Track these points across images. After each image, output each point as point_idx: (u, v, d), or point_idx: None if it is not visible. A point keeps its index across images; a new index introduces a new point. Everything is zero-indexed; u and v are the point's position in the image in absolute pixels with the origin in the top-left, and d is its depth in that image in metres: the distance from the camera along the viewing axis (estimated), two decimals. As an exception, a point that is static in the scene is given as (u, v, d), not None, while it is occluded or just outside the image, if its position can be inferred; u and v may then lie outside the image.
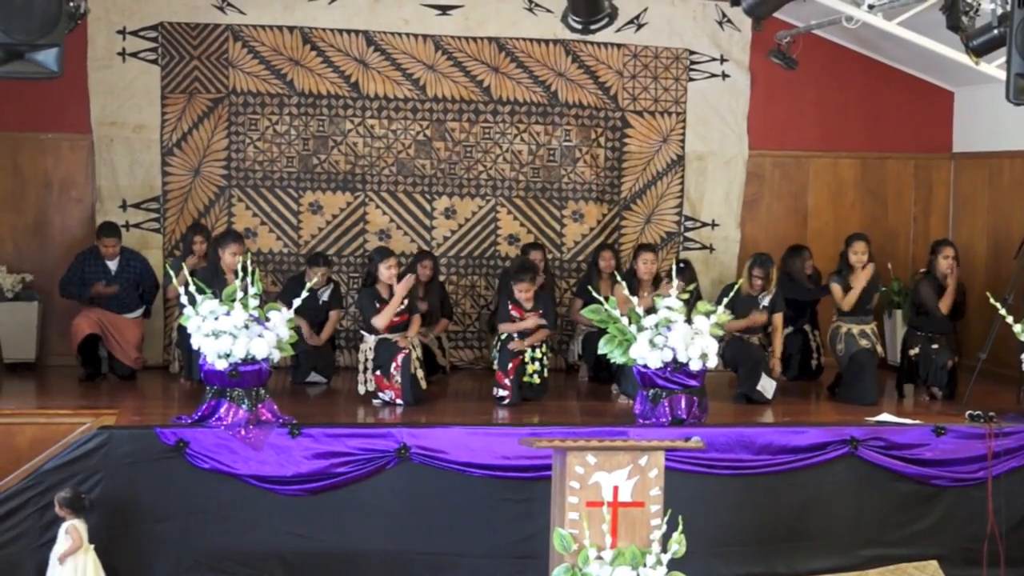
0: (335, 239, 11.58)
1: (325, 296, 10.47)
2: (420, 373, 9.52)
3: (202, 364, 8.29)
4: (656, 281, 10.42)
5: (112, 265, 10.46)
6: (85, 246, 10.72)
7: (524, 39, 11.71)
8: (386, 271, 9.55)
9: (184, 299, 8.38)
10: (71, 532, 7.57)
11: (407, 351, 9.35)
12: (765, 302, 10.14)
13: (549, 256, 11.52)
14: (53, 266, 10.98)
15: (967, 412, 9.16)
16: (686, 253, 11.80)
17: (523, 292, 9.81)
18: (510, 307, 9.85)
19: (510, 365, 9.62)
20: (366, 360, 9.55)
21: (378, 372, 9.42)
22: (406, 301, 9.63)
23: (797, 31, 11.03)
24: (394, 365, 9.32)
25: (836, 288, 10.12)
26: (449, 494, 8.40)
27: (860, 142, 12.39)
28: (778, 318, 10.12)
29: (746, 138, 12.11)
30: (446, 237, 11.63)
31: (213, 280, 9.26)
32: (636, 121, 11.92)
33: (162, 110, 11.30)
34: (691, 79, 11.99)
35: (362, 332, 9.74)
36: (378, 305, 9.55)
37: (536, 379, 9.77)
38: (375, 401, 9.46)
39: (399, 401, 9.33)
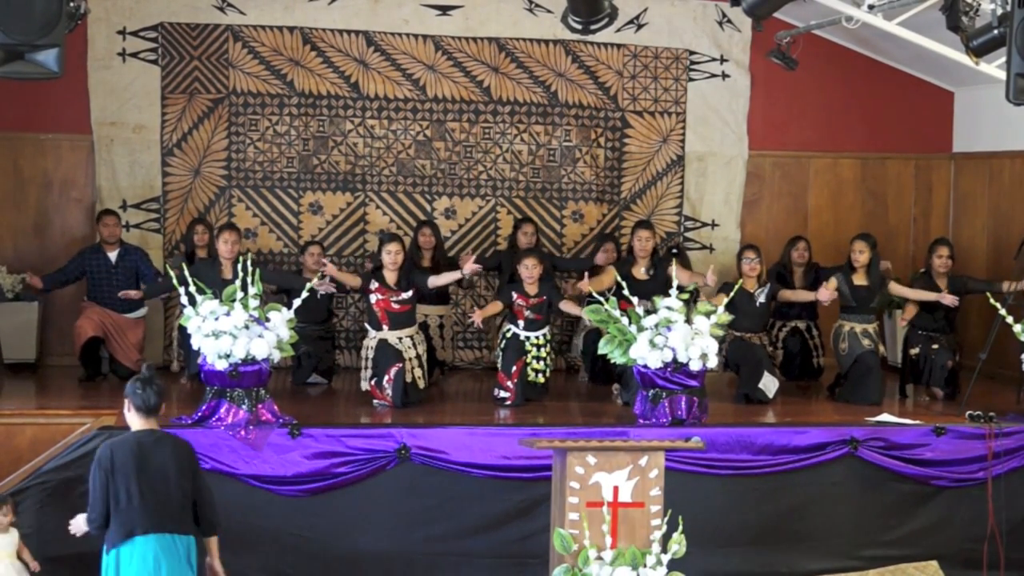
0: (335, 239, 11.59)
1: (322, 290, 10.44)
2: (419, 373, 9.51)
3: (202, 364, 8.29)
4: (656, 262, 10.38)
5: (112, 256, 10.48)
6: (85, 246, 10.72)
7: (524, 39, 11.72)
8: (386, 256, 9.53)
9: (184, 299, 8.40)
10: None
11: (400, 366, 9.31)
12: (761, 298, 10.18)
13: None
14: (53, 267, 10.96)
15: (967, 412, 9.16)
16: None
17: (528, 270, 9.73)
18: (514, 296, 9.80)
19: (514, 368, 9.62)
20: (367, 358, 9.54)
21: (373, 381, 9.41)
22: (410, 292, 9.56)
23: (797, 31, 11.03)
24: (387, 378, 9.30)
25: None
26: (449, 494, 8.40)
27: (860, 142, 12.40)
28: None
29: (746, 138, 12.11)
30: (446, 237, 11.61)
31: (211, 271, 9.42)
32: (636, 121, 11.92)
33: (162, 110, 11.31)
34: (691, 79, 11.99)
35: (367, 327, 9.72)
36: (374, 287, 9.52)
37: (540, 378, 9.76)
38: (375, 401, 9.46)
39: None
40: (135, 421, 6.42)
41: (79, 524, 6.63)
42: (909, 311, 10.32)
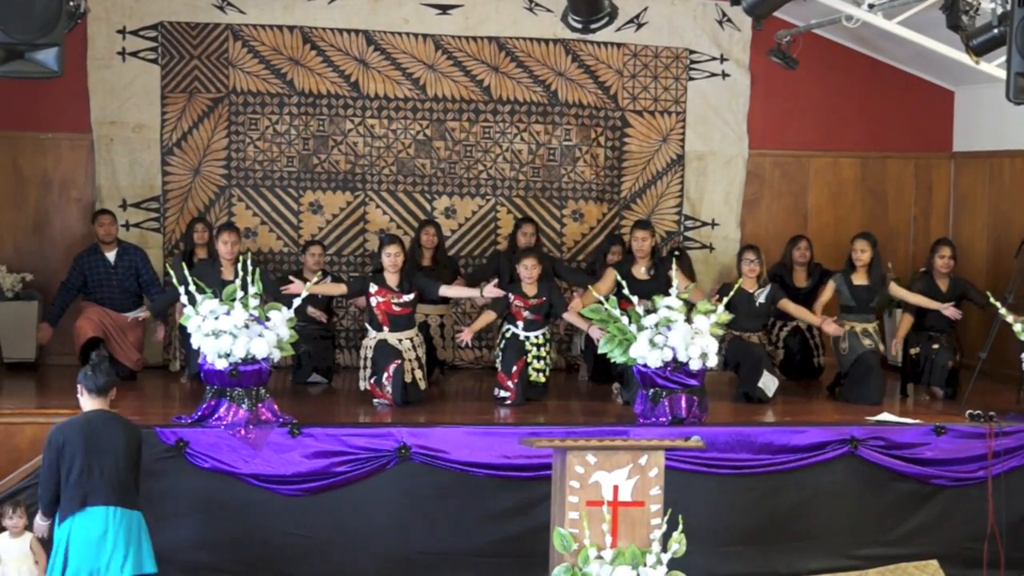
0: (335, 239, 11.59)
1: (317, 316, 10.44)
2: (419, 374, 9.50)
3: (202, 364, 8.29)
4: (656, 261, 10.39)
5: (111, 256, 10.47)
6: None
7: (524, 39, 11.71)
8: (386, 259, 9.52)
9: (184, 299, 8.40)
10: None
11: (399, 363, 9.32)
12: (761, 299, 10.18)
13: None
14: (53, 266, 10.99)
15: (967, 412, 9.17)
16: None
17: (528, 270, 9.73)
18: (512, 297, 9.79)
19: (514, 368, 9.62)
20: (366, 358, 9.54)
21: (372, 380, 9.41)
22: (411, 295, 9.55)
23: (797, 30, 11.03)
24: (386, 375, 9.30)
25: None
26: (449, 494, 8.40)
27: (860, 142, 12.39)
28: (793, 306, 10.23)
29: (746, 138, 12.11)
30: (446, 237, 11.60)
31: (211, 270, 9.41)
32: (636, 120, 11.92)
33: (162, 110, 11.31)
34: (691, 78, 11.99)
35: (367, 327, 9.70)
36: (374, 290, 9.50)
37: (541, 378, 9.76)
38: (375, 400, 9.46)
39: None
40: (87, 403, 6.99)
41: (37, 523, 6.73)
42: (903, 327, 10.29)
